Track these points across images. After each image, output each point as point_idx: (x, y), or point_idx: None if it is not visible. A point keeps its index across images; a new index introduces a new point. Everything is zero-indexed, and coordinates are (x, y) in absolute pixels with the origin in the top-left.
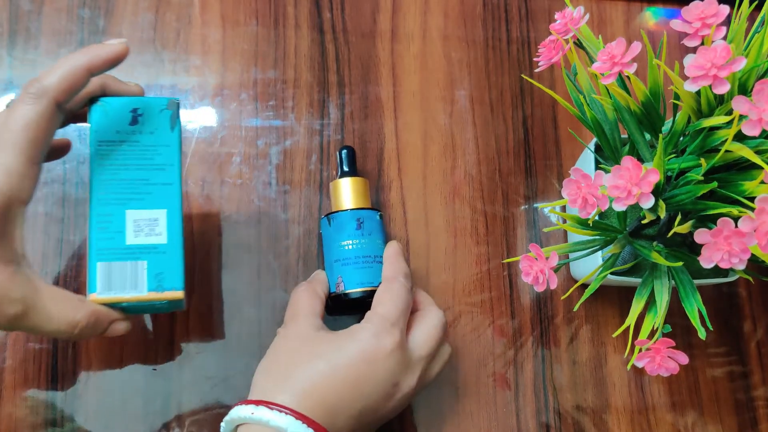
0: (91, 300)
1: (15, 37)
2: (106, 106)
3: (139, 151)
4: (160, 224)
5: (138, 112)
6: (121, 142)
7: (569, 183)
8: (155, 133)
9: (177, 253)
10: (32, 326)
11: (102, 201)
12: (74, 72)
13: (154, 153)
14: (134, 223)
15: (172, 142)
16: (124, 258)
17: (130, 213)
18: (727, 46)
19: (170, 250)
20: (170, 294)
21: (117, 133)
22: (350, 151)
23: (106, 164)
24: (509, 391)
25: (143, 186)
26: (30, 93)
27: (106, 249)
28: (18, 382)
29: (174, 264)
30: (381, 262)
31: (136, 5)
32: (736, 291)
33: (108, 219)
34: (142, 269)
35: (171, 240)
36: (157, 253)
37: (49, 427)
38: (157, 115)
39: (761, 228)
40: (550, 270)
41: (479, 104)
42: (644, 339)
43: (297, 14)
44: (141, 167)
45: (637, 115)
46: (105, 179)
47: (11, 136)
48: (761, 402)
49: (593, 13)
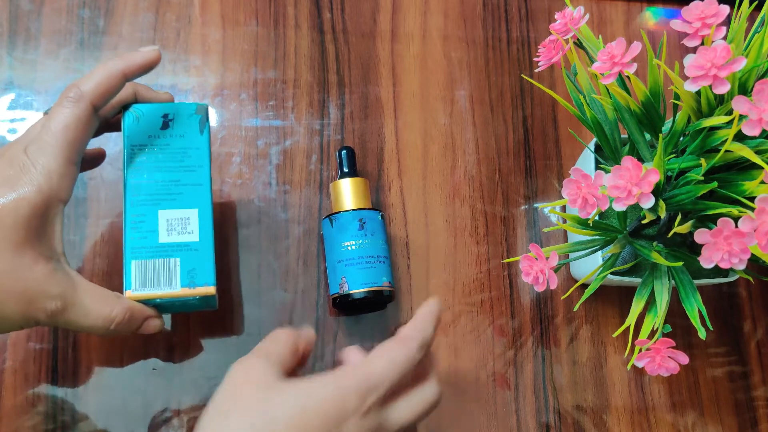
0: (127, 297)
1: (15, 38)
2: (138, 112)
3: (170, 154)
4: (192, 223)
5: (168, 117)
6: (153, 146)
7: (569, 183)
8: (185, 136)
9: (208, 250)
10: (70, 321)
11: (135, 202)
12: (110, 77)
13: (185, 155)
14: (167, 222)
15: (201, 145)
16: (157, 256)
17: (162, 213)
18: (727, 46)
19: (202, 247)
20: (203, 290)
21: (149, 137)
22: (350, 151)
23: (138, 167)
24: (509, 391)
25: (175, 187)
26: (69, 97)
27: (140, 247)
28: (18, 382)
29: (206, 261)
30: (384, 262)
31: (136, 5)
32: (736, 291)
33: (141, 219)
34: (175, 266)
35: (203, 238)
36: (189, 250)
37: (50, 427)
38: (186, 119)
39: (761, 228)
40: (550, 270)
41: (479, 104)
42: (644, 339)
43: (297, 14)
44: (172, 169)
45: (637, 115)
46: (138, 182)
47: (51, 138)
48: (761, 402)
49: (593, 13)
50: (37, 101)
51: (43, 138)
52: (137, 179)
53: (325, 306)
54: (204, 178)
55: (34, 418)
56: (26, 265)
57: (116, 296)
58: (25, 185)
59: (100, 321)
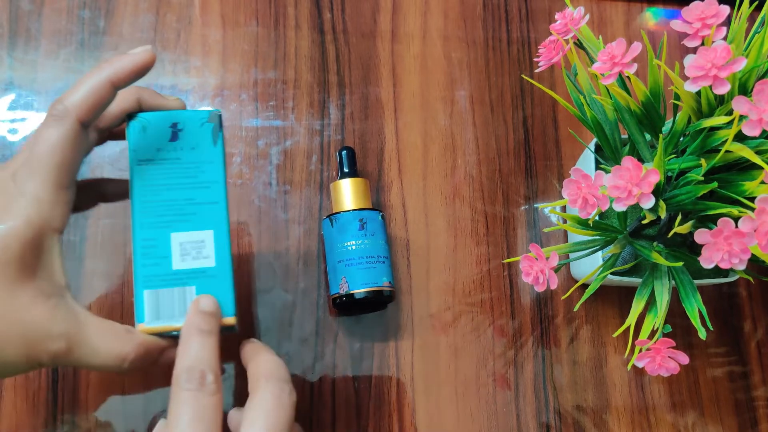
0: (140, 330)
1: (15, 38)
2: (144, 122)
3: (182, 169)
4: (207, 246)
5: (178, 127)
6: (162, 160)
7: (569, 183)
8: (197, 148)
9: (226, 276)
10: (77, 362)
11: (145, 225)
12: (96, 88)
13: (197, 170)
14: (180, 247)
15: (215, 158)
16: (171, 284)
17: (175, 236)
18: (728, 46)
19: (219, 273)
20: (222, 321)
21: (157, 150)
22: (350, 151)
23: (147, 185)
24: (509, 391)
25: (188, 206)
26: (53, 115)
27: (153, 276)
28: (18, 382)
29: (224, 288)
30: (384, 262)
31: (136, 6)
32: (736, 291)
33: (153, 244)
34: (191, 295)
35: (219, 263)
36: (205, 277)
37: (50, 427)
38: (197, 129)
39: (761, 228)
40: (551, 270)
41: (479, 104)
42: (644, 339)
43: (297, 15)
44: (184, 186)
45: (638, 116)
46: (147, 201)
47: (37, 162)
48: (761, 402)
49: (593, 14)
50: (38, 102)
51: (30, 162)
52: (146, 198)
53: (325, 306)
54: (219, 196)
55: (34, 418)
56: (23, 305)
57: (127, 330)
58: (13, 217)
59: (111, 360)
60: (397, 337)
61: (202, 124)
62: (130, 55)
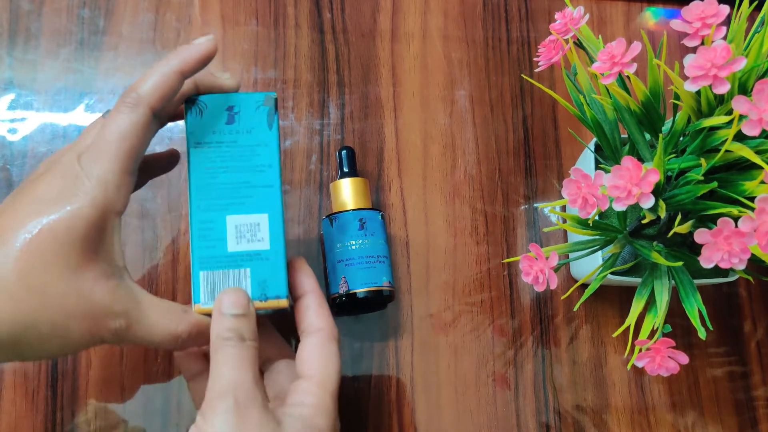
0: (196, 311)
1: (15, 38)
2: (201, 105)
3: (238, 152)
4: (262, 229)
5: (234, 110)
6: (218, 143)
7: (569, 183)
8: (253, 132)
9: (280, 259)
10: (135, 338)
11: (202, 207)
12: (168, 78)
13: (253, 154)
14: (236, 229)
15: (270, 141)
16: (227, 266)
17: (231, 219)
18: (727, 46)
19: (273, 256)
20: (274, 303)
21: (214, 133)
22: (350, 151)
23: (204, 167)
24: (509, 391)
25: (244, 189)
26: (126, 103)
27: (209, 257)
28: (18, 381)
29: (277, 271)
30: (384, 262)
31: (136, 5)
32: (736, 291)
33: (209, 226)
34: (245, 277)
35: (273, 245)
36: (260, 259)
37: (49, 425)
38: (253, 112)
39: (761, 228)
40: (550, 270)
41: (479, 104)
42: (644, 339)
43: (297, 14)
44: (240, 169)
45: (637, 115)
46: (204, 184)
47: (107, 146)
48: (761, 402)
49: (593, 13)
50: (37, 101)
51: (98, 146)
52: (203, 181)
53: None
54: (274, 179)
55: (33, 417)
56: (87, 285)
57: (183, 310)
58: (80, 199)
59: (166, 337)
60: (396, 337)
61: (258, 107)
62: (195, 45)
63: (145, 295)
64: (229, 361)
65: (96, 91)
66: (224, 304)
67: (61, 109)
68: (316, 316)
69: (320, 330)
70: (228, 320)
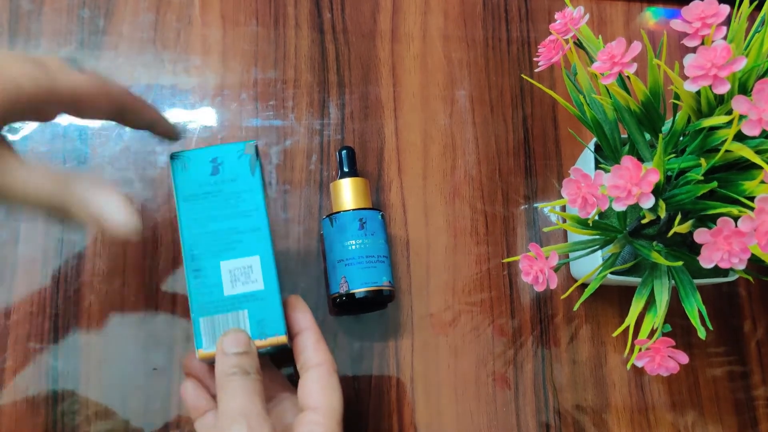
0: (200, 357)
1: (15, 38)
2: (185, 160)
3: (223, 201)
4: (255, 271)
5: (217, 162)
6: (205, 194)
7: (569, 183)
8: (237, 179)
9: (275, 297)
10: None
11: (196, 256)
12: None
13: (239, 200)
14: (230, 274)
15: (254, 187)
16: (225, 310)
17: (224, 264)
18: (728, 45)
19: (268, 295)
20: (274, 339)
21: (200, 185)
22: (350, 151)
23: (194, 219)
24: (509, 391)
25: (233, 235)
26: None
27: (207, 303)
28: (18, 382)
29: (273, 308)
30: (384, 262)
31: (136, 5)
32: (736, 291)
33: (204, 273)
34: (244, 318)
35: (267, 285)
36: (256, 300)
37: (50, 427)
38: (236, 161)
39: (761, 228)
40: (550, 269)
41: (479, 104)
42: (644, 338)
43: (297, 14)
44: (228, 216)
45: (637, 115)
46: (195, 234)
47: None
48: (761, 402)
49: (593, 13)
50: None
51: None
52: (194, 231)
53: (325, 306)
54: (261, 222)
55: (33, 418)
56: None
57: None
58: None
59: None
60: (397, 337)
61: (240, 156)
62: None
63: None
64: (237, 392)
65: None
66: (226, 344)
67: None
68: (315, 351)
69: (320, 364)
70: (231, 358)
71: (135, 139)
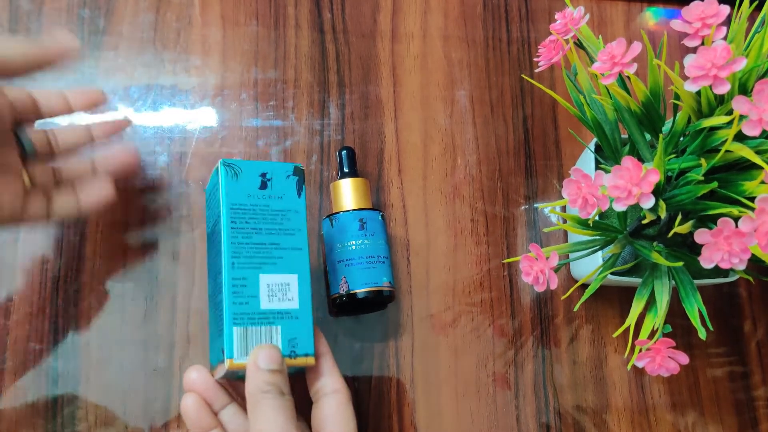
0: (229, 366)
1: (15, 38)
2: (236, 168)
3: (270, 216)
4: (292, 289)
5: (267, 177)
6: (252, 206)
7: (569, 183)
8: (284, 198)
9: (308, 318)
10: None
11: (237, 265)
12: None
13: (284, 218)
14: (267, 288)
15: (299, 208)
16: (259, 323)
17: (263, 277)
18: (728, 46)
19: (302, 315)
20: (303, 360)
21: (248, 197)
22: (350, 151)
23: (238, 227)
24: (509, 391)
25: (275, 250)
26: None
27: (242, 314)
28: (18, 382)
29: (306, 329)
30: (384, 262)
31: (136, 5)
32: (737, 291)
33: (242, 283)
34: (276, 334)
35: (302, 305)
36: (290, 318)
37: (49, 428)
38: (284, 180)
39: (761, 228)
40: (551, 270)
41: (479, 104)
42: (644, 339)
43: (297, 14)
44: (272, 231)
45: (638, 115)
46: (238, 242)
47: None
48: (761, 402)
49: (593, 13)
50: None
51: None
52: (238, 240)
53: (325, 306)
54: (303, 243)
55: (34, 418)
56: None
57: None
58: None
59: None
60: (397, 337)
61: (288, 176)
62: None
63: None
64: (273, 411)
65: None
66: (260, 359)
67: None
68: (331, 377)
69: (337, 391)
70: (265, 374)
71: (135, 139)
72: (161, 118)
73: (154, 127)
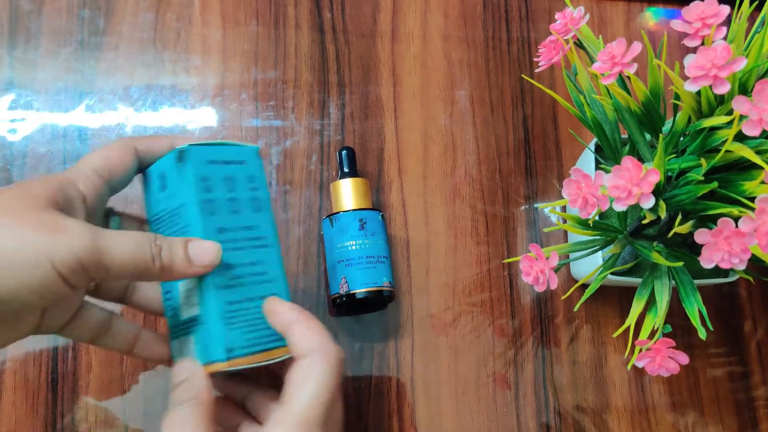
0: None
1: (15, 37)
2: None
3: (169, 219)
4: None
5: (165, 177)
6: (160, 212)
7: (569, 183)
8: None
9: (215, 319)
10: (101, 269)
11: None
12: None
13: (179, 217)
14: (182, 296)
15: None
16: (183, 334)
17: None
18: (728, 46)
19: (208, 318)
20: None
21: (157, 202)
22: (350, 151)
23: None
24: (509, 391)
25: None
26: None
27: (173, 326)
28: (18, 384)
29: (214, 331)
30: (384, 262)
31: (136, 5)
32: (737, 291)
33: (169, 297)
34: (191, 344)
35: (206, 308)
36: (197, 324)
37: (49, 429)
38: (175, 174)
39: (761, 228)
40: (551, 270)
41: (479, 104)
42: (644, 339)
43: (297, 14)
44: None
45: (638, 115)
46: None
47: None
48: (761, 402)
49: (593, 13)
50: (38, 101)
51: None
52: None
53: (325, 306)
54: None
55: (33, 420)
56: (48, 216)
57: (151, 238)
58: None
59: (135, 266)
60: (397, 337)
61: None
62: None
63: (110, 231)
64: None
65: (96, 91)
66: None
67: (62, 109)
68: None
69: (304, 355)
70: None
71: None
72: (161, 118)
73: (154, 127)
